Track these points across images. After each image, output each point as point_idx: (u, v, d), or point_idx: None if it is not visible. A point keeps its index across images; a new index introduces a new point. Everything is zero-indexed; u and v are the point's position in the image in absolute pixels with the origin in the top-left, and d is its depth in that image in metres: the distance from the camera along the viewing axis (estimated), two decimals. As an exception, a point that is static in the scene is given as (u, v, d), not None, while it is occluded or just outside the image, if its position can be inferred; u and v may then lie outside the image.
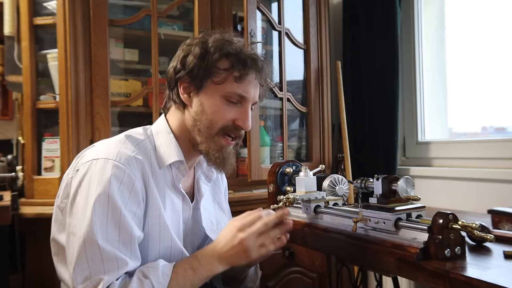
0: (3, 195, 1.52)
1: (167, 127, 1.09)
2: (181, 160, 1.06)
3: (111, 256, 0.90)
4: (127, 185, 0.94)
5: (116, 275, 0.89)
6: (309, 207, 1.18)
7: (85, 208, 0.92)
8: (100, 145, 1.02)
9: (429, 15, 2.22)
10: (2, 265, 1.48)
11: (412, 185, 0.97)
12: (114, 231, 0.92)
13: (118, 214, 0.92)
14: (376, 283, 1.35)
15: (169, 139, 1.07)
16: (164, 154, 1.05)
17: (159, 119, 1.13)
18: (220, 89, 1.03)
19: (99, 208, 0.91)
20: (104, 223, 0.91)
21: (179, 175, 1.07)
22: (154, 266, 0.93)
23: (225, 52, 1.03)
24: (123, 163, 0.95)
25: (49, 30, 1.77)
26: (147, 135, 1.07)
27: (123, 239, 0.92)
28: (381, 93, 2.19)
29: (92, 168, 0.94)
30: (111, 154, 0.96)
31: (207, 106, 1.03)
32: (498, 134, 1.98)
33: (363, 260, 1.02)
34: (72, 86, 1.66)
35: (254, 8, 1.87)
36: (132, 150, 0.99)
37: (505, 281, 0.74)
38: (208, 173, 1.19)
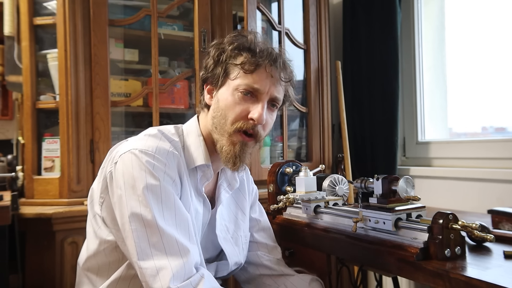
0: (3, 195, 1.52)
1: (198, 129, 1.09)
2: (208, 164, 1.05)
3: (172, 240, 0.89)
4: (169, 175, 0.95)
5: (181, 264, 0.88)
6: (309, 207, 1.18)
7: (137, 196, 0.91)
8: (137, 139, 1.01)
9: (429, 14, 2.22)
10: (2, 265, 1.48)
11: (412, 185, 0.98)
12: (170, 216, 0.92)
13: (171, 199, 0.93)
14: (376, 283, 1.35)
15: (198, 141, 1.07)
16: (193, 155, 1.05)
17: (192, 120, 1.12)
18: (234, 83, 1.02)
19: (152, 194, 0.91)
20: (160, 208, 0.91)
21: (204, 179, 1.07)
22: None
23: (237, 46, 1.04)
24: (163, 157, 0.96)
25: (49, 30, 1.77)
26: (178, 134, 1.07)
27: (180, 223, 0.93)
28: (381, 93, 2.19)
29: (132, 158, 0.94)
30: (150, 147, 0.96)
31: (221, 101, 1.03)
32: (498, 134, 1.98)
33: (363, 260, 1.02)
34: (72, 86, 1.66)
35: (254, 8, 1.87)
36: (169, 146, 0.99)
37: (505, 281, 0.74)
38: (231, 181, 1.17)
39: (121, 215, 0.93)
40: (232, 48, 1.04)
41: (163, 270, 0.87)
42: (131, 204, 0.91)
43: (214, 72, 1.05)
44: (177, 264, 0.88)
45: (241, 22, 2.10)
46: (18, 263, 1.59)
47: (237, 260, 1.15)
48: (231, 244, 1.14)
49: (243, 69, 1.01)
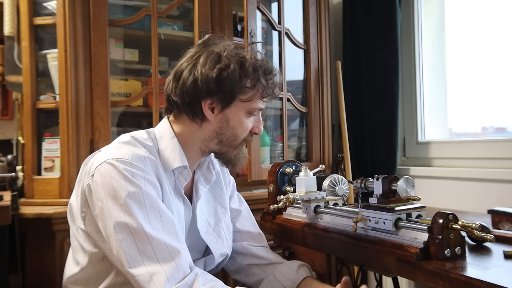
0: (3, 195, 1.52)
1: (171, 131, 1.08)
2: (185, 165, 1.06)
3: (161, 244, 0.90)
4: (149, 181, 0.96)
5: (174, 266, 0.89)
6: (309, 207, 1.18)
7: (120, 206, 0.91)
8: (110, 148, 1.01)
9: (429, 14, 2.22)
10: (2, 265, 1.48)
11: (412, 185, 0.98)
12: (156, 220, 0.92)
13: (155, 204, 0.94)
14: (376, 283, 1.35)
15: (173, 143, 1.07)
16: (168, 158, 1.05)
17: (163, 123, 1.12)
18: (246, 106, 1.07)
19: (135, 202, 0.92)
20: (145, 214, 0.92)
21: (182, 179, 1.08)
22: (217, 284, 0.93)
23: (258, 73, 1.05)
24: (140, 163, 0.96)
25: (49, 30, 1.77)
26: (151, 139, 1.07)
27: (167, 226, 0.93)
28: (381, 93, 2.19)
29: (111, 169, 0.94)
30: (126, 154, 0.96)
31: (233, 121, 1.06)
32: (498, 134, 1.98)
33: (363, 260, 1.02)
34: (72, 86, 1.66)
35: (254, 8, 1.87)
36: (144, 151, 1.00)
37: (505, 281, 0.74)
38: (208, 175, 1.18)
39: (105, 227, 0.93)
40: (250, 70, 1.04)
41: (157, 275, 0.87)
42: (115, 214, 0.91)
43: (228, 93, 1.03)
44: (170, 267, 0.89)
45: (241, 22, 2.10)
46: (18, 263, 1.59)
47: (221, 252, 1.16)
48: (213, 237, 1.16)
49: (261, 96, 1.08)
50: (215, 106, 1.05)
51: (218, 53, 1.04)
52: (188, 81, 1.03)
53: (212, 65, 1.02)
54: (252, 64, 1.04)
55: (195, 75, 1.02)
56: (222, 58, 1.03)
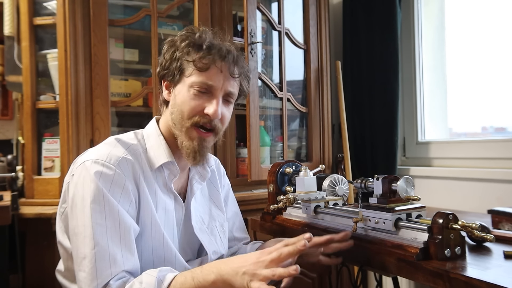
0: (3, 195, 1.52)
1: (157, 129, 1.11)
2: (171, 161, 1.07)
3: (109, 253, 0.91)
4: (118, 184, 0.97)
5: (110, 274, 0.90)
6: (309, 207, 1.18)
7: (83, 208, 0.94)
8: (93, 149, 1.05)
9: (429, 15, 2.22)
10: (2, 265, 1.48)
11: (412, 185, 0.98)
12: (112, 229, 0.94)
13: (115, 211, 0.95)
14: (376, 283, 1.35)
15: (158, 141, 1.09)
16: (154, 156, 1.07)
17: (150, 123, 1.15)
18: (188, 80, 1.05)
19: (95, 206, 0.93)
20: (103, 221, 0.93)
21: (171, 176, 1.09)
22: (152, 274, 0.91)
23: (188, 44, 1.05)
24: (113, 164, 0.98)
25: (49, 30, 1.77)
26: (137, 139, 1.09)
27: (121, 236, 0.94)
28: (381, 93, 2.19)
29: (84, 170, 0.97)
30: (101, 155, 0.99)
31: (178, 98, 1.06)
32: (498, 134, 1.98)
33: (363, 260, 1.02)
34: (72, 86, 1.66)
35: (254, 8, 1.87)
36: (122, 152, 1.02)
37: (505, 281, 0.74)
38: (202, 172, 1.19)
39: (71, 226, 0.97)
40: (184, 45, 1.05)
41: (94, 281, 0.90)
42: (78, 216, 0.95)
43: (170, 68, 1.07)
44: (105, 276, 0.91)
45: (241, 22, 2.10)
46: (18, 263, 1.59)
47: (215, 249, 1.16)
48: (207, 234, 1.16)
49: (196, 67, 1.03)
50: (170, 86, 1.09)
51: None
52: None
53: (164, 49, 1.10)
54: (185, 38, 1.06)
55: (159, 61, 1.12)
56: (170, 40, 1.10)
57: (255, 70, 1.86)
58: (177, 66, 1.05)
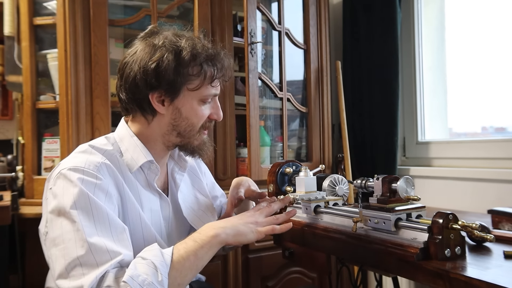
0: (3, 195, 1.52)
1: (129, 131, 1.08)
2: (151, 160, 1.06)
3: (103, 249, 0.86)
4: (101, 189, 0.94)
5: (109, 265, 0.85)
6: (309, 207, 1.18)
7: (65, 216, 0.89)
8: (66, 159, 1.00)
9: (429, 15, 2.22)
10: (2, 265, 1.48)
11: (412, 185, 0.97)
12: (103, 230, 0.89)
13: (103, 213, 0.91)
14: (376, 283, 1.35)
15: (133, 142, 1.06)
16: (132, 158, 1.04)
17: (120, 125, 1.11)
18: (196, 94, 1.04)
19: (81, 211, 0.89)
20: (91, 223, 0.88)
21: (152, 175, 1.08)
22: (152, 249, 0.89)
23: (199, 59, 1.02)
24: (93, 170, 0.95)
25: (49, 30, 1.77)
26: (110, 143, 1.06)
27: (113, 235, 0.90)
28: (381, 93, 2.19)
29: (63, 179, 0.93)
30: (80, 162, 0.95)
31: (185, 112, 1.05)
32: (498, 134, 1.98)
33: (363, 260, 1.02)
34: (72, 86, 1.66)
35: (254, 8, 1.87)
36: (100, 157, 0.99)
37: (505, 281, 0.74)
38: (181, 163, 1.19)
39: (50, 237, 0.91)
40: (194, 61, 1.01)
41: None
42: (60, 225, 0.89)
43: (171, 83, 1.00)
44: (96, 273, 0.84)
45: (241, 22, 2.10)
46: (18, 263, 1.59)
47: None
48: (201, 222, 1.16)
49: (208, 81, 1.04)
50: (165, 99, 1.03)
51: (155, 44, 1.02)
52: (129, 78, 1.02)
53: (148, 58, 1.00)
54: (190, 52, 1.01)
55: (134, 71, 1.01)
56: (156, 50, 1.00)
57: (255, 70, 1.86)
58: (183, 81, 1.01)
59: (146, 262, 0.84)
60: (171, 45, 1.01)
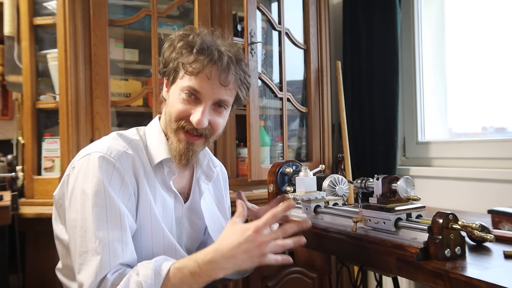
0: (3, 195, 1.52)
1: (159, 127, 1.11)
2: (170, 158, 1.07)
3: (107, 247, 0.91)
4: (117, 178, 0.97)
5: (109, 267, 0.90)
6: (309, 207, 1.18)
7: (83, 201, 0.94)
8: (94, 143, 1.06)
9: (429, 15, 2.22)
10: (2, 265, 1.48)
11: (412, 185, 0.97)
12: (113, 223, 0.93)
13: (116, 206, 0.94)
14: (376, 283, 1.35)
15: (159, 138, 1.09)
16: (155, 153, 1.07)
17: (153, 120, 1.15)
18: (180, 83, 1.03)
19: (97, 200, 0.94)
20: (104, 215, 0.93)
21: (170, 174, 1.09)
22: (148, 265, 0.90)
23: (183, 45, 1.03)
24: (113, 157, 0.98)
25: (49, 30, 1.77)
26: (139, 135, 1.10)
27: (122, 229, 0.94)
28: (381, 93, 2.19)
29: (85, 163, 0.97)
30: (102, 148, 0.99)
31: (170, 99, 1.06)
32: (498, 134, 1.98)
33: (363, 260, 1.02)
34: (72, 86, 1.66)
35: (254, 8, 1.87)
36: (123, 146, 1.02)
37: (505, 281, 0.74)
38: (209, 173, 1.19)
39: (69, 218, 0.97)
40: (180, 46, 1.04)
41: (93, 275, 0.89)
42: (78, 209, 0.94)
43: (167, 68, 1.06)
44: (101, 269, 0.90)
45: (241, 22, 2.10)
46: (18, 263, 1.59)
47: None
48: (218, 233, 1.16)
49: (187, 71, 1.00)
50: (168, 85, 1.09)
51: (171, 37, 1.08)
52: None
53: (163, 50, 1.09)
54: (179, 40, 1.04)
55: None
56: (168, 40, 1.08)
57: (255, 70, 1.86)
58: (173, 67, 1.05)
59: (137, 282, 0.87)
60: (178, 35, 1.07)
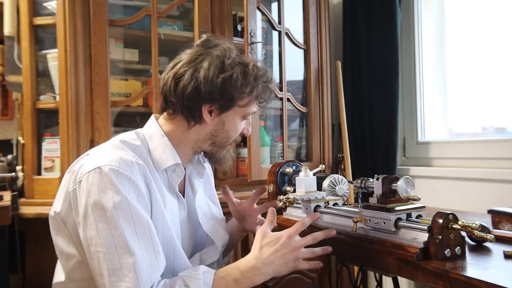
0: (3, 195, 1.52)
1: (160, 130, 1.08)
2: (178, 162, 1.06)
3: (146, 260, 0.90)
4: (134, 190, 0.94)
5: (150, 281, 0.89)
6: (309, 207, 1.18)
7: (105, 217, 0.90)
8: (98, 153, 1.00)
9: (429, 15, 2.22)
10: (2, 265, 1.48)
11: (412, 185, 0.97)
12: (143, 235, 0.91)
13: (142, 217, 0.92)
14: (376, 283, 1.35)
15: (164, 142, 1.06)
16: (161, 158, 1.04)
17: (151, 123, 1.11)
18: (242, 111, 1.09)
19: (122, 214, 0.90)
20: (133, 229, 0.90)
21: (175, 177, 1.07)
22: (195, 277, 0.92)
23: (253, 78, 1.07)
24: (126, 170, 0.94)
25: (49, 30, 1.77)
26: (140, 139, 1.06)
27: (152, 240, 0.93)
28: (381, 93, 2.19)
29: (96, 177, 0.92)
30: (113, 161, 0.94)
31: (228, 125, 1.09)
32: (498, 134, 1.98)
33: (363, 260, 1.02)
34: (72, 86, 1.66)
35: (254, 8, 1.87)
36: (132, 156, 0.98)
37: (505, 281, 0.74)
38: (199, 169, 1.20)
39: (86, 236, 0.92)
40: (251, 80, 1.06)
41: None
42: (100, 226, 0.90)
43: (229, 99, 1.04)
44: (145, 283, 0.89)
45: (241, 22, 2.10)
46: (18, 263, 1.59)
47: (223, 243, 1.19)
48: (214, 230, 1.18)
49: (258, 102, 1.12)
50: (214, 110, 1.06)
51: (221, 59, 1.03)
52: (189, 86, 1.02)
53: (217, 73, 1.02)
54: (254, 74, 1.07)
55: (197, 81, 1.01)
56: (225, 66, 1.02)
57: (255, 70, 1.86)
58: (232, 95, 1.04)
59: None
60: (240, 64, 1.05)
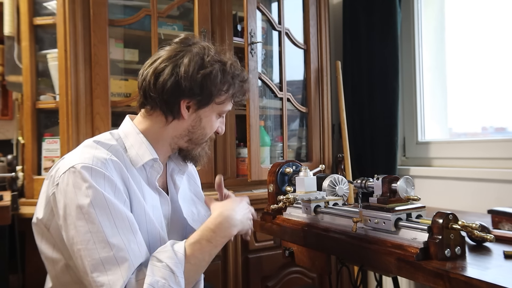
0: (3, 195, 1.52)
1: (135, 128, 1.09)
2: (155, 157, 1.07)
3: (125, 251, 0.90)
4: (110, 186, 0.95)
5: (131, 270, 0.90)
6: (309, 207, 1.18)
7: (82, 215, 0.91)
8: (72, 154, 1.01)
9: (429, 15, 2.22)
10: (2, 265, 1.48)
11: (412, 185, 0.98)
12: (123, 227, 0.92)
13: (119, 209, 0.93)
14: (376, 283, 1.35)
15: (139, 139, 1.07)
16: (137, 154, 1.05)
17: (126, 122, 1.13)
18: (218, 108, 1.12)
19: (99, 210, 0.91)
20: (111, 222, 0.91)
21: (154, 173, 1.09)
22: (165, 249, 0.94)
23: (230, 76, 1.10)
24: (100, 167, 0.95)
25: (49, 30, 1.77)
26: (115, 139, 1.07)
27: (132, 231, 0.94)
28: (381, 93, 2.19)
29: (71, 177, 0.93)
30: (86, 159, 0.95)
31: (205, 122, 1.11)
32: (498, 134, 1.98)
33: (363, 260, 1.02)
34: (72, 86, 1.66)
35: (254, 8, 1.87)
36: (106, 153, 0.99)
37: (505, 281, 0.74)
38: (180, 166, 1.21)
39: (68, 237, 0.93)
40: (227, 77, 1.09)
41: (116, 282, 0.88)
42: (78, 224, 0.90)
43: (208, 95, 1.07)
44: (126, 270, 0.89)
45: (241, 22, 2.10)
46: (18, 263, 1.59)
47: None
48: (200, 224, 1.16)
49: (234, 100, 1.14)
50: (191, 106, 1.08)
51: (201, 56, 1.06)
52: (169, 80, 1.04)
53: (197, 69, 1.04)
54: (232, 73, 1.10)
55: (178, 75, 1.03)
56: (205, 63, 1.06)
57: (255, 70, 1.86)
58: (210, 91, 1.06)
59: (162, 265, 0.91)
60: (219, 61, 1.08)
